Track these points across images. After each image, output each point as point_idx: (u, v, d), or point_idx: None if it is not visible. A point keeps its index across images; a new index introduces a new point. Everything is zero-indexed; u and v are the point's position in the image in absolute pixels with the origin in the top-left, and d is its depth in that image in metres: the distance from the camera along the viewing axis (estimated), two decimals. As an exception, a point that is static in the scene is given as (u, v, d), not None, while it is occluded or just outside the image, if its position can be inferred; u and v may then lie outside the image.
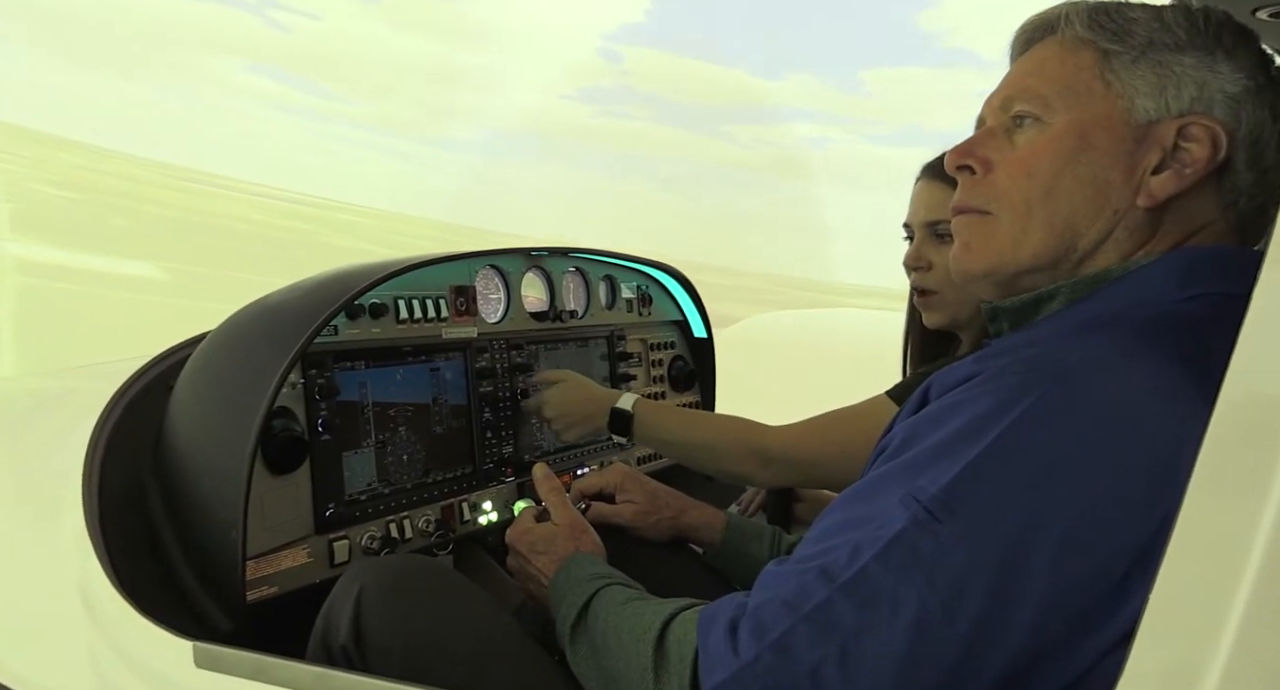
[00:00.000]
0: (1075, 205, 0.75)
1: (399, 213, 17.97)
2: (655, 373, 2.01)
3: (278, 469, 1.17)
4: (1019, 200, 0.77)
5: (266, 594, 1.15)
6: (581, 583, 0.94)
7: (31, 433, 1.43)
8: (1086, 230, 0.75)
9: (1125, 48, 0.75)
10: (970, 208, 0.81)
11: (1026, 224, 0.76)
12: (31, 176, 18.40)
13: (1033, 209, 0.76)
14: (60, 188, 17.95)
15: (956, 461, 0.63)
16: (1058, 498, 0.60)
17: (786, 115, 75.28)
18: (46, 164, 19.57)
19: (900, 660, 0.61)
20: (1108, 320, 0.71)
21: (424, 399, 1.44)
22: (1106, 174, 0.74)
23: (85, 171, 19.81)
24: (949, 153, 0.83)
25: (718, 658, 0.68)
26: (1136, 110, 0.74)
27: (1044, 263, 0.77)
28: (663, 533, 1.27)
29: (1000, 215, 0.78)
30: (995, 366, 0.67)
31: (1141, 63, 0.74)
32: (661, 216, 67.64)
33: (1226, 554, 0.47)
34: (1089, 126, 0.75)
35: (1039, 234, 0.76)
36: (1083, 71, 0.76)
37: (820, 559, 0.66)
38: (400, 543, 1.34)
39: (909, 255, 1.30)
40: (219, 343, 1.24)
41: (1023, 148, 0.78)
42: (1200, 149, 0.72)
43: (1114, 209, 0.74)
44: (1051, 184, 0.75)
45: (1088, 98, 0.75)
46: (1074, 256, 0.76)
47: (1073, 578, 0.60)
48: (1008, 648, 0.60)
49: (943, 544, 0.61)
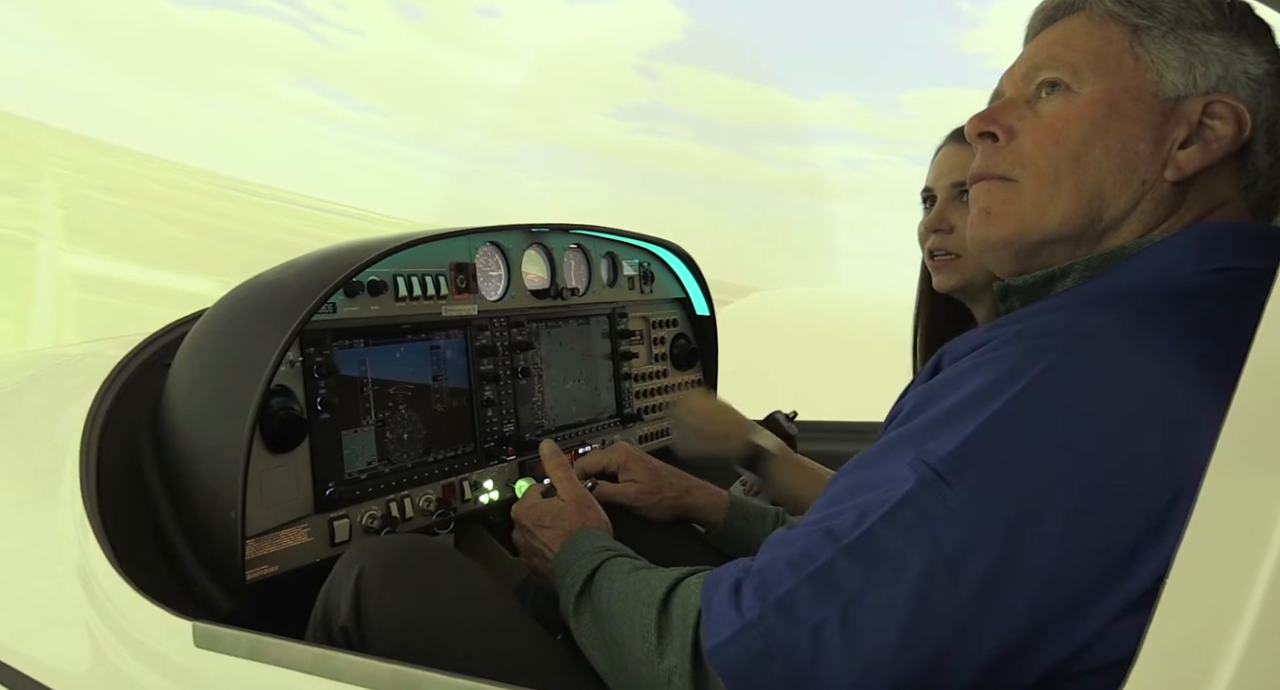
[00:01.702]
0: (1104, 173, 0.74)
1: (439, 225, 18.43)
2: (657, 350, 1.99)
3: (276, 447, 1.16)
4: (1046, 166, 0.76)
5: (266, 573, 1.14)
6: (587, 555, 0.94)
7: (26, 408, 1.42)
8: (1114, 199, 0.75)
9: (1155, 23, 0.75)
10: (992, 174, 0.80)
11: (1054, 191, 0.76)
12: (81, 182, 18.30)
13: (1060, 175, 0.75)
14: (109, 193, 17.85)
15: (966, 426, 0.63)
16: (1067, 463, 0.60)
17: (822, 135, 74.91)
18: (95, 169, 19.48)
19: (903, 621, 0.61)
20: (1125, 290, 0.70)
21: (424, 377, 1.42)
22: (1135, 144, 0.74)
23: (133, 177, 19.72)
24: (970, 119, 0.82)
25: (720, 617, 0.68)
26: (1165, 85, 0.74)
27: (1068, 232, 0.76)
28: (665, 512, 1.26)
29: (1025, 182, 0.77)
30: (1007, 333, 0.67)
31: (1171, 38, 0.74)
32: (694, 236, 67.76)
33: (1251, 523, 0.46)
34: (1119, 96, 0.75)
35: (1066, 201, 0.75)
36: (1112, 44, 0.76)
37: (827, 522, 0.66)
38: (401, 522, 1.33)
39: (931, 218, 1.28)
40: (216, 320, 1.22)
41: (1050, 115, 0.77)
42: (1225, 126, 0.73)
43: (1142, 179, 0.74)
44: (1080, 151, 0.75)
45: (1117, 69, 0.75)
46: (1098, 227, 0.76)
47: (1080, 543, 0.59)
48: (1014, 612, 0.60)
49: (950, 506, 0.61)
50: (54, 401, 1.39)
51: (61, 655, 1.08)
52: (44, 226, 12.95)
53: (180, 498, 1.15)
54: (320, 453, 1.23)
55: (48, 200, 15.63)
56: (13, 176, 16.47)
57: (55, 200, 15.77)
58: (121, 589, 1.01)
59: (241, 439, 1.06)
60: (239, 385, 1.09)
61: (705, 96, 77.78)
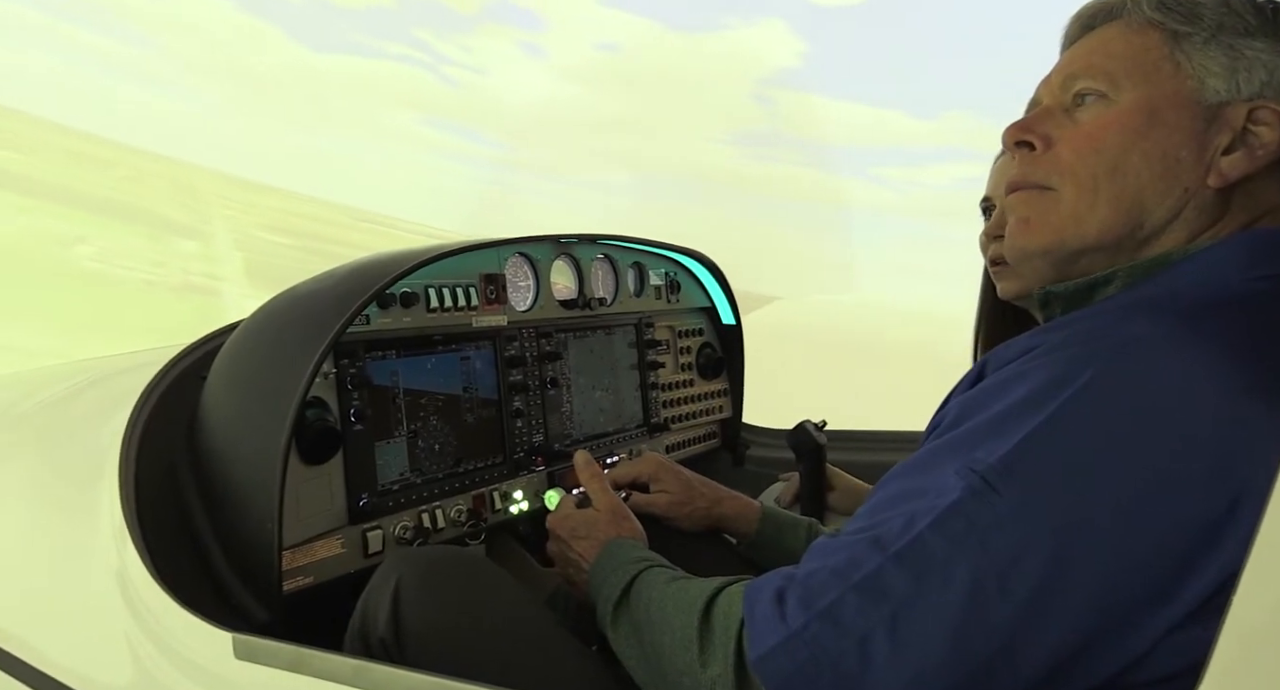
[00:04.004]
0: (1144, 181, 0.74)
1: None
2: (683, 360, 1.99)
3: (311, 459, 1.17)
4: (1085, 175, 0.76)
5: (302, 584, 1.15)
6: (624, 565, 0.94)
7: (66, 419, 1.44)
8: (1156, 207, 0.74)
9: (1196, 29, 0.74)
10: (1030, 183, 0.80)
11: (1093, 200, 0.75)
12: (249, 222, 18.47)
13: (1099, 184, 0.75)
14: (273, 233, 17.98)
15: (1014, 433, 0.62)
16: (1116, 471, 0.60)
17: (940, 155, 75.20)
18: (255, 209, 19.66)
19: (952, 631, 0.60)
20: (1171, 298, 0.70)
21: (454, 388, 1.43)
22: (1177, 152, 0.73)
23: (288, 215, 19.89)
24: (1007, 128, 0.82)
25: (765, 626, 0.67)
26: (1207, 91, 0.73)
27: (1108, 241, 0.75)
28: (698, 523, 1.26)
29: (1063, 191, 0.77)
30: (1053, 340, 0.67)
31: (1213, 45, 0.73)
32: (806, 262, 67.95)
33: None
34: (1158, 104, 0.74)
35: (1105, 210, 0.75)
36: (1150, 51, 0.75)
37: (873, 530, 0.66)
38: (433, 533, 1.33)
39: (991, 224, 1.27)
40: (252, 332, 1.23)
41: (1087, 124, 0.77)
42: (1270, 133, 0.72)
43: (1184, 186, 0.73)
44: (1119, 159, 0.74)
45: (1156, 76, 0.74)
46: (1139, 235, 0.75)
47: (1131, 552, 0.59)
48: (1064, 622, 0.59)
49: (999, 514, 0.61)
50: (93, 412, 1.41)
51: (101, 666, 1.09)
52: (227, 271, 13.00)
53: (216, 508, 1.16)
54: (354, 464, 1.23)
55: (224, 242, 15.76)
56: (187, 220, 16.61)
57: (231, 242, 15.89)
58: (160, 599, 1.01)
59: (278, 450, 1.06)
60: (275, 397, 1.10)
61: (822, 121, 78.41)
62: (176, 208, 17.34)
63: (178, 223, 16.38)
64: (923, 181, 49.04)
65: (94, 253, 11.85)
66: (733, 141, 47.18)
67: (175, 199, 18.01)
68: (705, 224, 35.73)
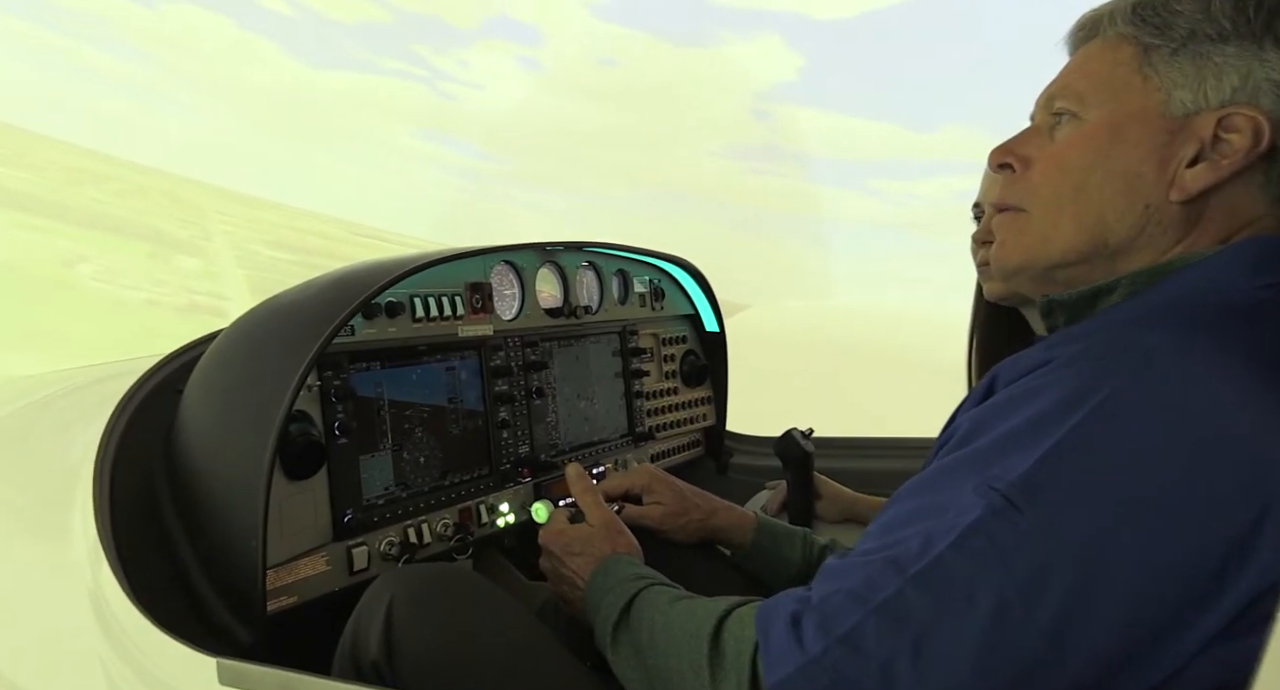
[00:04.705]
0: (1105, 200, 0.74)
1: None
2: (667, 368, 1.97)
3: (295, 474, 1.13)
4: (1049, 196, 0.78)
5: (286, 604, 1.12)
6: (622, 583, 0.92)
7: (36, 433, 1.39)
8: (1117, 225, 0.74)
9: (1165, 41, 0.74)
10: (1006, 205, 0.83)
11: (1057, 219, 0.77)
12: (249, 238, 18.04)
13: (1063, 204, 0.77)
14: (274, 248, 17.57)
15: (1034, 449, 0.61)
16: (1141, 487, 0.59)
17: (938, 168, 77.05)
18: (255, 224, 19.22)
19: (977, 653, 0.59)
20: (1183, 306, 0.69)
21: (440, 400, 1.40)
22: (1138, 168, 0.73)
23: (288, 230, 19.49)
24: (992, 152, 0.84)
25: (781, 652, 0.65)
26: (1173, 103, 0.73)
27: (1074, 258, 0.77)
28: (692, 535, 1.24)
29: (1033, 212, 0.79)
30: (1068, 353, 0.66)
31: (1181, 55, 0.73)
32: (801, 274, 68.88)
33: None
34: (1122, 120, 0.74)
35: (1068, 229, 0.76)
36: (1120, 67, 0.76)
37: (888, 550, 0.64)
38: (419, 548, 1.30)
39: (979, 230, 1.28)
40: (231, 344, 1.20)
41: (1058, 144, 0.79)
42: (1242, 140, 0.71)
43: (1145, 203, 0.73)
44: (1082, 179, 0.75)
45: (1125, 93, 0.75)
46: (1105, 252, 0.76)
47: (1160, 568, 0.58)
48: (1094, 640, 0.58)
49: (1022, 533, 0.59)
50: (64, 426, 1.36)
51: (76, 692, 1.04)
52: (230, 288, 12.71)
53: (196, 526, 1.12)
54: (338, 479, 1.20)
55: (225, 259, 15.36)
56: (187, 236, 16.19)
57: (233, 259, 15.49)
58: (139, 622, 0.97)
59: (262, 466, 1.03)
60: (258, 410, 1.07)
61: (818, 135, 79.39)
62: (176, 223, 17.05)
63: (178, 238, 16.10)
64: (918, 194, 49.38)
65: (96, 271, 11.58)
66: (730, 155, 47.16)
67: (175, 214, 17.70)
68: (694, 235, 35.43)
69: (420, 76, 75.34)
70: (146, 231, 15.50)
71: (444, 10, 74.85)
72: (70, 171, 17.24)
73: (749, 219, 66.71)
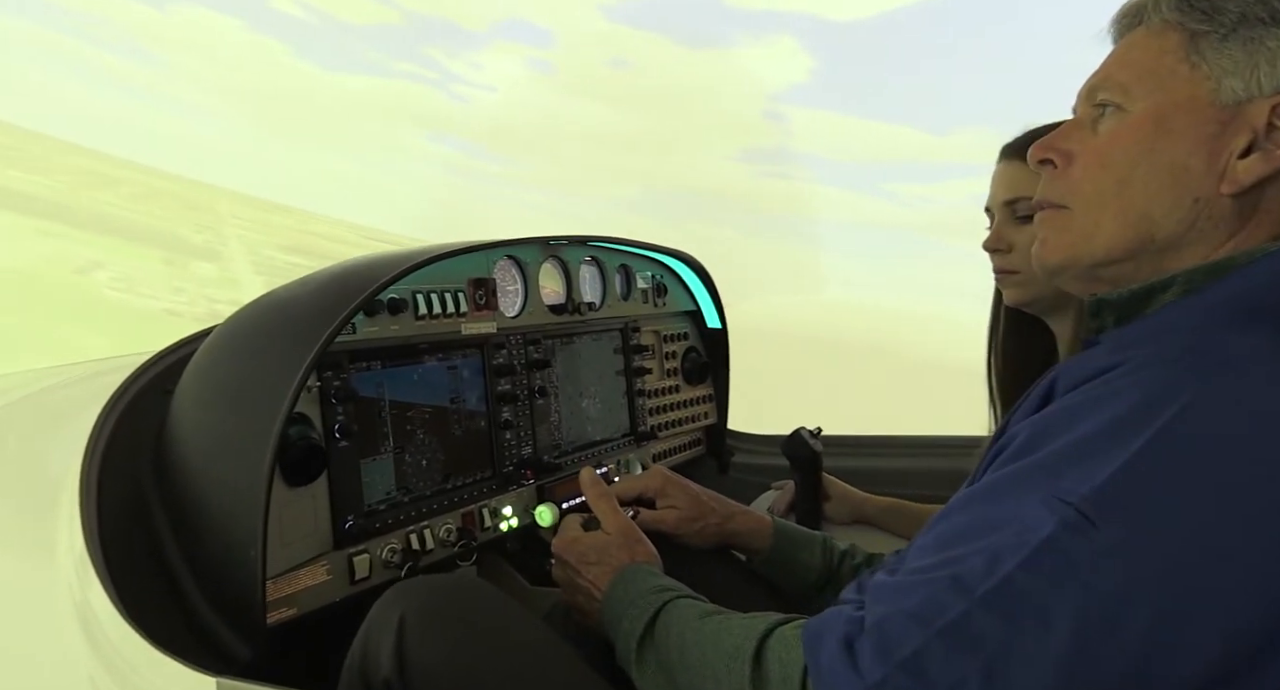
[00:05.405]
0: (1151, 194, 0.71)
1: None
2: (669, 365, 1.93)
3: (294, 480, 1.08)
4: (1092, 192, 0.75)
5: (286, 616, 1.06)
6: (644, 595, 0.88)
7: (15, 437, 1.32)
8: (1164, 221, 0.71)
9: (1214, 27, 0.70)
10: (1048, 202, 0.79)
11: (1100, 216, 0.74)
12: (263, 242, 17.60)
13: (1105, 201, 0.73)
14: (289, 253, 17.10)
15: (1108, 461, 0.57)
16: (1228, 500, 0.55)
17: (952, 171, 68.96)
18: (269, 228, 18.76)
19: (1055, 680, 0.55)
20: (1258, 308, 0.65)
21: (442, 400, 1.34)
22: (1185, 160, 0.70)
23: (303, 234, 19.04)
24: (1032, 147, 0.81)
25: (835, 678, 0.61)
26: (1224, 91, 0.69)
27: (1120, 255, 0.74)
28: (708, 540, 1.19)
29: (1075, 208, 0.76)
30: (1140, 357, 0.62)
31: (1231, 40, 0.69)
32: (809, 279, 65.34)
33: None
34: (1169, 111, 0.71)
35: (1112, 226, 0.73)
36: (1167, 56, 0.72)
37: (949, 567, 0.60)
38: (422, 554, 1.25)
39: (989, 239, 1.24)
40: (225, 343, 1.14)
41: (1101, 137, 0.75)
42: None
43: (1194, 197, 0.70)
44: (1126, 174, 0.72)
45: (1170, 82, 0.71)
46: (1152, 248, 0.72)
47: (1255, 585, 0.54)
48: (1185, 664, 0.54)
49: (1099, 549, 0.55)
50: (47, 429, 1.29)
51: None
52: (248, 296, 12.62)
53: (190, 535, 1.06)
54: (339, 484, 1.14)
55: (242, 264, 14.98)
56: (202, 240, 15.79)
57: (250, 265, 15.11)
58: (130, 638, 0.91)
59: (261, 471, 0.97)
60: (257, 413, 1.01)
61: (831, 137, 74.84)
62: (191, 228, 16.68)
63: (194, 244, 15.75)
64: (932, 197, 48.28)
65: (112, 278, 11.26)
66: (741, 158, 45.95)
67: (189, 218, 17.32)
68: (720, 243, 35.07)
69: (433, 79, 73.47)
70: (160, 236, 15.20)
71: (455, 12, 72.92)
72: (81, 174, 16.86)
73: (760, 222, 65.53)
